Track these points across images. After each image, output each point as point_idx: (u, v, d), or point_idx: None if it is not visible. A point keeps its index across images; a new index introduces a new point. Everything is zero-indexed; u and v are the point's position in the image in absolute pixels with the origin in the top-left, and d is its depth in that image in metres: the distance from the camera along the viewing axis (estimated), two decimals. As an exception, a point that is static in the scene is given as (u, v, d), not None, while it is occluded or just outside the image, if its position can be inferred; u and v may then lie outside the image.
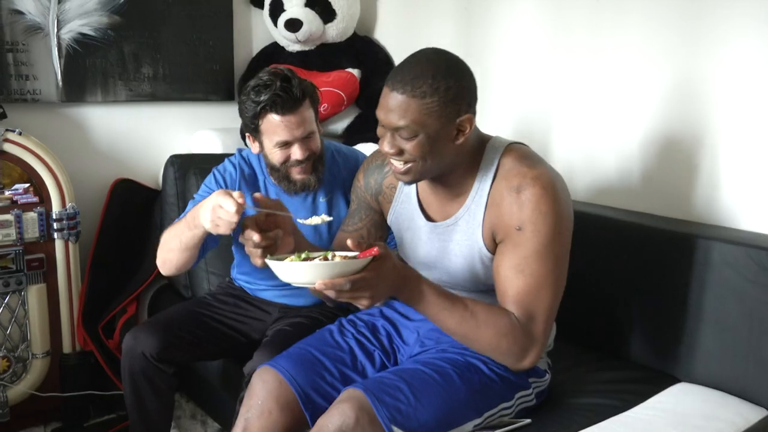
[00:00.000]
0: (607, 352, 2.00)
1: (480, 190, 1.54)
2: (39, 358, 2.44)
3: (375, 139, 2.87)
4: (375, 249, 1.34)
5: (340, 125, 3.04)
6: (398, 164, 1.50)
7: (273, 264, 1.35)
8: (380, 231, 1.79)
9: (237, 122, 2.89)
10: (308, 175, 1.97)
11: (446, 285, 1.58)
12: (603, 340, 2.03)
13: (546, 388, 1.70)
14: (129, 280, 2.67)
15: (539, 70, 2.40)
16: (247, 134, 2.02)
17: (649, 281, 1.90)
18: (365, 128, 2.97)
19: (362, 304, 1.35)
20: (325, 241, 2.05)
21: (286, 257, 1.39)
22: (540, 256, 1.46)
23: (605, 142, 2.22)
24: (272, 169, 2.00)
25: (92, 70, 2.68)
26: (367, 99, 2.98)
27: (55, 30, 2.58)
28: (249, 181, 2.07)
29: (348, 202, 2.05)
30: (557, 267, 1.49)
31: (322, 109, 2.87)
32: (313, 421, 1.52)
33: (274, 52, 2.99)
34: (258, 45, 3.05)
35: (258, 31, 3.06)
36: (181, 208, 2.52)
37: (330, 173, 2.07)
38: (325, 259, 1.34)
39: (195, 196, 2.06)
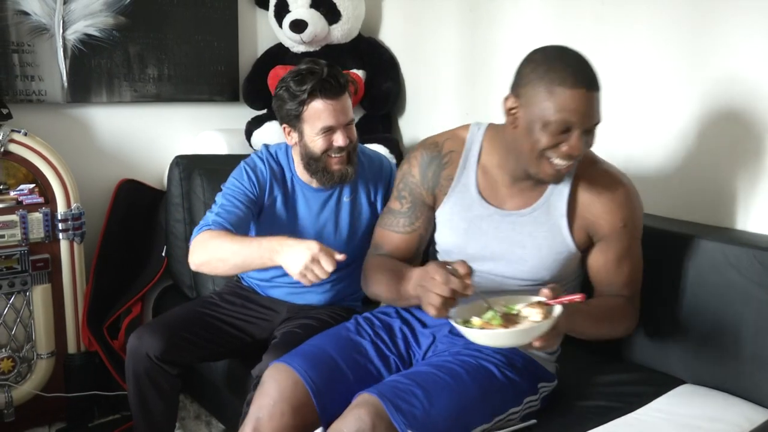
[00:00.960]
0: (612, 354, 2.00)
1: (560, 185, 1.61)
2: (44, 358, 2.45)
3: (379, 141, 2.90)
4: (580, 295, 1.41)
5: (344, 126, 3.05)
6: (570, 165, 1.53)
7: (479, 335, 1.35)
8: (432, 225, 1.74)
9: (242, 123, 2.92)
10: (345, 165, 1.97)
11: (504, 276, 1.64)
12: (607, 342, 2.02)
13: (550, 392, 1.71)
14: (134, 281, 2.68)
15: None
16: (283, 126, 2.01)
17: (654, 282, 1.89)
18: (370, 129, 2.97)
19: (553, 348, 1.56)
20: (344, 238, 2.05)
21: (471, 319, 1.41)
22: (637, 243, 1.67)
23: (609, 143, 2.21)
24: (311, 159, 1.96)
25: (97, 70, 2.69)
26: (371, 100, 2.98)
27: (61, 31, 2.59)
28: (278, 178, 2.06)
29: (370, 204, 2.08)
30: (641, 251, 1.70)
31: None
32: (325, 422, 1.51)
33: (278, 53, 3.00)
34: (263, 46, 3.06)
35: (263, 32, 3.06)
36: (186, 208, 2.53)
37: (359, 172, 2.06)
38: (516, 314, 1.41)
39: (223, 187, 2.01)
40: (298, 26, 2.82)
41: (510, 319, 1.38)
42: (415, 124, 3.04)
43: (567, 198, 1.61)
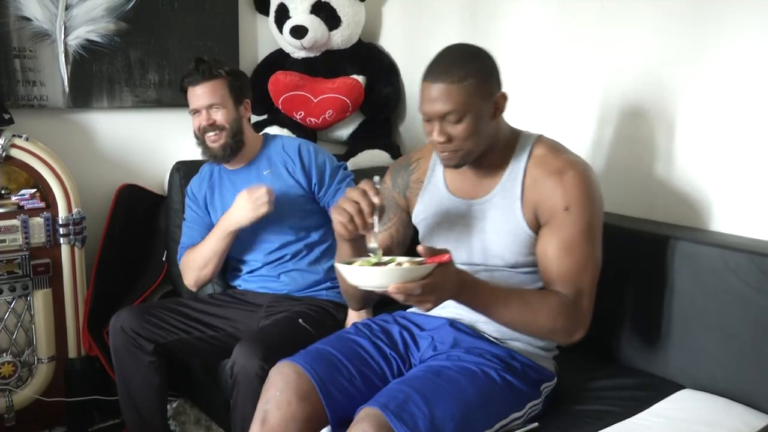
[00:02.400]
0: (612, 359, 2.00)
1: (515, 169, 1.64)
2: (44, 362, 2.45)
3: (379, 146, 2.91)
4: (447, 256, 1.39)
5: (344, 131, 3.06)
6: (448, 150, 1.59)
7: (345, 269, 1.39)
8: (407, 229, 1.85)
9: (242, 128, 2.92)
10: (217, 145, 2.23)
11: (480, 264, 1.67)
12: (607, 347, 2.03)
13: (551, 392, 1.71)
14: (134, 285, 2.68)
15: (545, 77, 2.41)
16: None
17: (653, 288, 1.90)
18: (370, 134, 2.98)
19: (426, 306, 1.41)
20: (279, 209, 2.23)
21: (355, 261, 1.46)
22: (585, 236, 1.58)
23: (611, 146, 2.23)
24: (197, 140, 2.27)
25: (98, 76, 2.70)
26: (371, 105, 2.99)
27: (62, 36, 2.59)
28: (208, 181, 2.38)
29: (291, 176, 2.31)
30: (597, 247, 1.62)
31: (327, 115, 2.89)
32: (332, 414, 1.54)
33: (279, 58, 3.01)
34: (263, 51, 3.07)
35: (263, 37, 3.07)
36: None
37: (273, 152, 2.34)
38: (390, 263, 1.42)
39: (185, 218, 2.39)
40: (299, 32, 2.83)
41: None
42: (415, 129, 3.05)
43: (521, 179, 1.63)
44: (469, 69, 1.54)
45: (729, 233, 1.93)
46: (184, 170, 2.59)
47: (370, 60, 3.02)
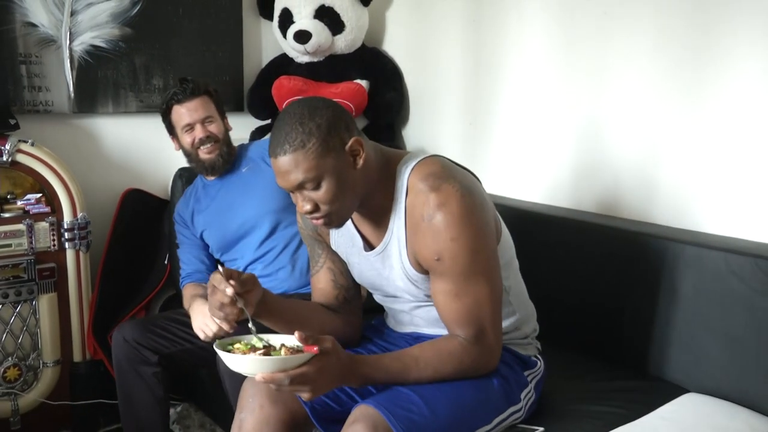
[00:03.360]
0: (616, 362, 2.00)
1: (398, 213, 1.54)
2: (49, 366, 2.46)
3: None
4: (315, 348, 1.35)
5: (348, 136, 3.06)
6: (319, 218, 1.50)
7: (221, 353, 1.37)
8: (340, 261, 1.73)
9: (246, 133, 2.94)
10: (213, 155, 2.30)
11: (399, 297, 1.64)
12: (612, 350, 2.03)
13: (542, 377, 1.71)
14: (138, 289, 2.69)
15: (548, 80, 2.42)
16: (171, 138, 2.36)
17: (657, 291, 1.90)
18: (373, 139, 2.94)
19: (304, 396, 1.39)
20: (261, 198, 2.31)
21: (237, 340, 1.43)
22: (467, 278, 1.49)
23: (615, 151, 2.23)
24: (188, 155, 2.34)
25: (104, 81, 2.71)
26: (375, 110, 3.00)
27: (68, 42, 2.61)
28: (194, 199, 2.42)
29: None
30: (488, 279, 1.51)
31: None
32: (314, 414, 1.52)
33: (283, 63, 3.02)
34: (267, 56, 3.08)
35: (267, 42, 3.08)
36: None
37: (250, 152, 2.43)
38: (273, 348, 1.39)
39: (177, 243, 2.44)
40: (303, 37, 2.84)
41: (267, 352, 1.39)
42: (419, 134, 3.06)
43: (404, 223, 1.53)
44: (306, 130, 1.41)
45: (732, 236, 1.92)
46: (187, 176, 2.61)
47: (373, 65, 3.02)
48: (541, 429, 1.61)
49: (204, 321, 2.01)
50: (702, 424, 1.60)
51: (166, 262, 2.65)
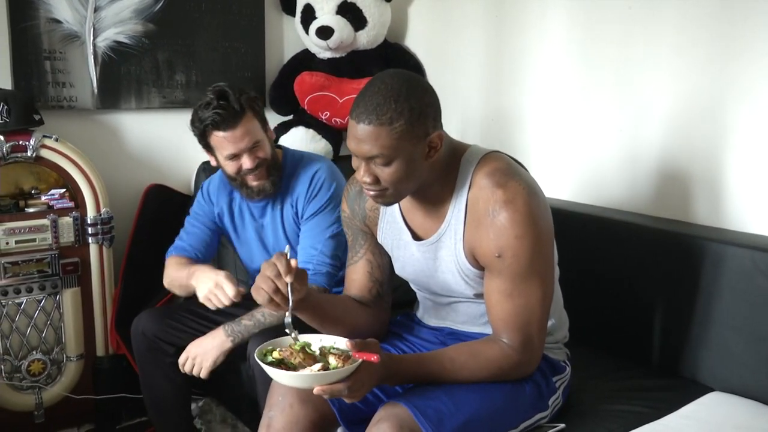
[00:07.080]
0: (640, 361, 1.99)
1: (458, 206, 1.53)
2: (73, 360, 2.48)
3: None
4: (375, 357, 1.36)
5: (370, 132, 3.05)
6: (374, 191, 1.49)
7: (270, 371, 1.37)
8: (383, 255, 1.72)
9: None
10: (263, 180, 2.07)
11: (442, 295, 1.64)
12: (635, 348, 2.01)
13: (568, 383, 1.70)
14: (161, 284, 2.69)
15: (572, 76, 2.40)
16: (206, 152, 2.11)
17: (682, 289, 1.88)
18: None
19: (353, 399, 1.40)
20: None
21: (272, 348, 1.43)
22: (524, 279, 1.47)
23: (637, 148, 2.21)
24: (230, 179, 2.10)
25: (127, 77, 2.72)
26: (397, 106, 2.99)
27: (91, 38, 2.63)
28: (228, 196, 2.24)
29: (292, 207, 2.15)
30: (543, 282, 1.50)
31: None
32: (341, 415, 1.52)
33: (305, 59, 3.01)
34: (289, 52, 3.08)
35: (289, 38, 3.08)
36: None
37: (298, 184, 2.15)
38: (320, 355, 1.42)
39: (191, 211, 2.30)
40: (325, 33, 2.84)
41: (308, 358, 1.40)
42: (441, 130, 3.04)
43: (463, 217, 1.52)
44: (400, 109, 1.38)
45: (758, 233, 1.90)
46: (210, 171, 2.60)
47: (395, 60, 3.01)
48: (562, 425, 1.60)
49: (212, 291, 1.90)
50: (726, 424, 1.59)
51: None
